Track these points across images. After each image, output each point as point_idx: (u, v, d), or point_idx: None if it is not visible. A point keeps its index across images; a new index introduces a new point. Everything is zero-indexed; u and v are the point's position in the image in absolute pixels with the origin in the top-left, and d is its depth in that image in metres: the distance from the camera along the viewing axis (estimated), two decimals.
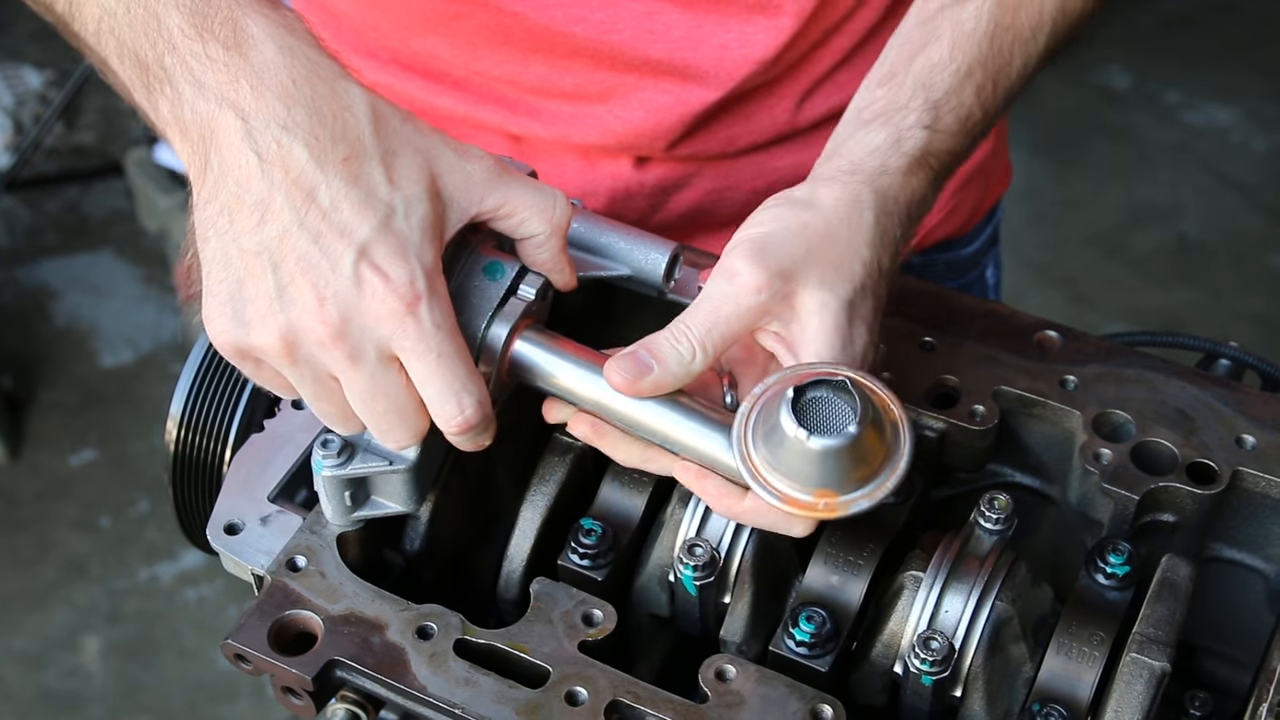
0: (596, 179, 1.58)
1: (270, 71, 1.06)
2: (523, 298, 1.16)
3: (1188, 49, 5.39)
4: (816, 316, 1.13)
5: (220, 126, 1.06)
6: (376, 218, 1.06)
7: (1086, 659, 1.17)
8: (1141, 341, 1.44)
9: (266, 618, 1.16)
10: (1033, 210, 4.71)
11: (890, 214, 1.19)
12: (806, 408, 1.07)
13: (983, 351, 1.34)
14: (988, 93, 1.26)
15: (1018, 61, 1.27)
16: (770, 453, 1.07)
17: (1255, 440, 1.27)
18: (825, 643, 1.18)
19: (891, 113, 1.22)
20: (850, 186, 1.18)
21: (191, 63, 1.07)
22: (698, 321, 1.13)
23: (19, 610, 3.59)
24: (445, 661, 1.14)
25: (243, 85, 1.06)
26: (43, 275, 4.40)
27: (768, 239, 1.14)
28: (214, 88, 1.06)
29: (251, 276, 1.06)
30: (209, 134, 1.07)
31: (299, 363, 1.08)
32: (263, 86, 1.06)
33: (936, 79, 1.23)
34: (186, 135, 1.08)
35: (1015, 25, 1.26)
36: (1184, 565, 1.19)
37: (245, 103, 1.06)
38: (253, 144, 1.05)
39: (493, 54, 1.52)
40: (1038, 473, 1.35)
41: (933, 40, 1.25)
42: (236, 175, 1.06)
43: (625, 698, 1.12)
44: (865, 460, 1.06)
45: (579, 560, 1.24)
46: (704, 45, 1.49)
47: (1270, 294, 4.52)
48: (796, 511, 1.07)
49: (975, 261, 1.84)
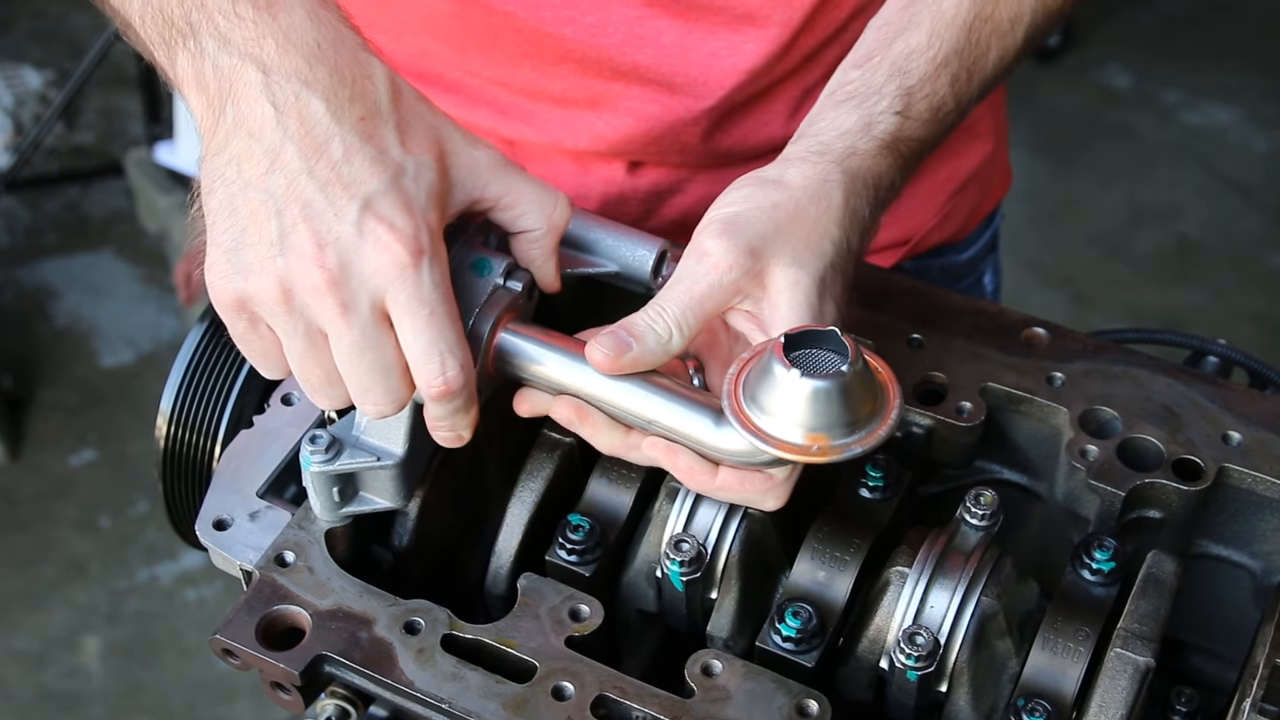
0: (589, 183, 1.59)
1: (297, 33, 1.08)
2: (509, 290, 1.17)
3: (1188, 49, 5.39)
4: (788, 293, 1.14)
5: (241, 79, 1.07)
6: (386, 174, 1.07)
7: (1071, 654, 1.17)
8: (1129, 339, 1.45)
9: (255, 613, 1.16)
10: (1033, 210, 4.71)
11: (859, 194, 1.19)
12: (799, 354, 1.07)
13: (970, 348, 1.35)
14: (962, 82, 1.26)
15: (994, 53, 1.28)
16: (761, 403, 1.07)
17: (1241, 437, 1.27)
18: (811, 638, 1.18)
19: (865, 96, 1.23)
20: (820, 166, 1.19)
21: (219, 19, 1.08)
22: (672, 301, 1.14)
23: (19, 610, 3.60)
24: (432, 657, 1.14)
25: (268, 42, 1.07)
26: (43, 275, 4.41)
27: (737, 218, 1.15)
28: (239, 43, 1.07)
29: (254, 223, 1.07)
30: (228, 87, 1.08)
31: (293, 312, 1.07)
32: (289, 44, 1.07)
33: (912, 65, 1.24)
34: (204, 89, 1.09)
35: (994, 17, 1.27)
36: (1169, 561, 1.19)
37: (269, 58, 1.07)
38: (271, 96, 1.06)
39: (483, 55, 1.52)
40: (1024, 469, 1.36)
41: (911, 26, 1.25)
42: (250, 126, 1.07)
43: (612, 693, 1.13)
44: (856, 405, 1.05)
45: (566, 556, 1.24)
46: (693, 53, 1.49)
47: (1270, 294, 4.53)
48: (789, 455, 1.06)
49: (971, 268, 1.84)
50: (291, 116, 1.06)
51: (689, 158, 1.57)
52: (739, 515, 1.24)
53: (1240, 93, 5.22)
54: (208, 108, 1.09)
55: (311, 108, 1.06)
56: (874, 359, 1.09)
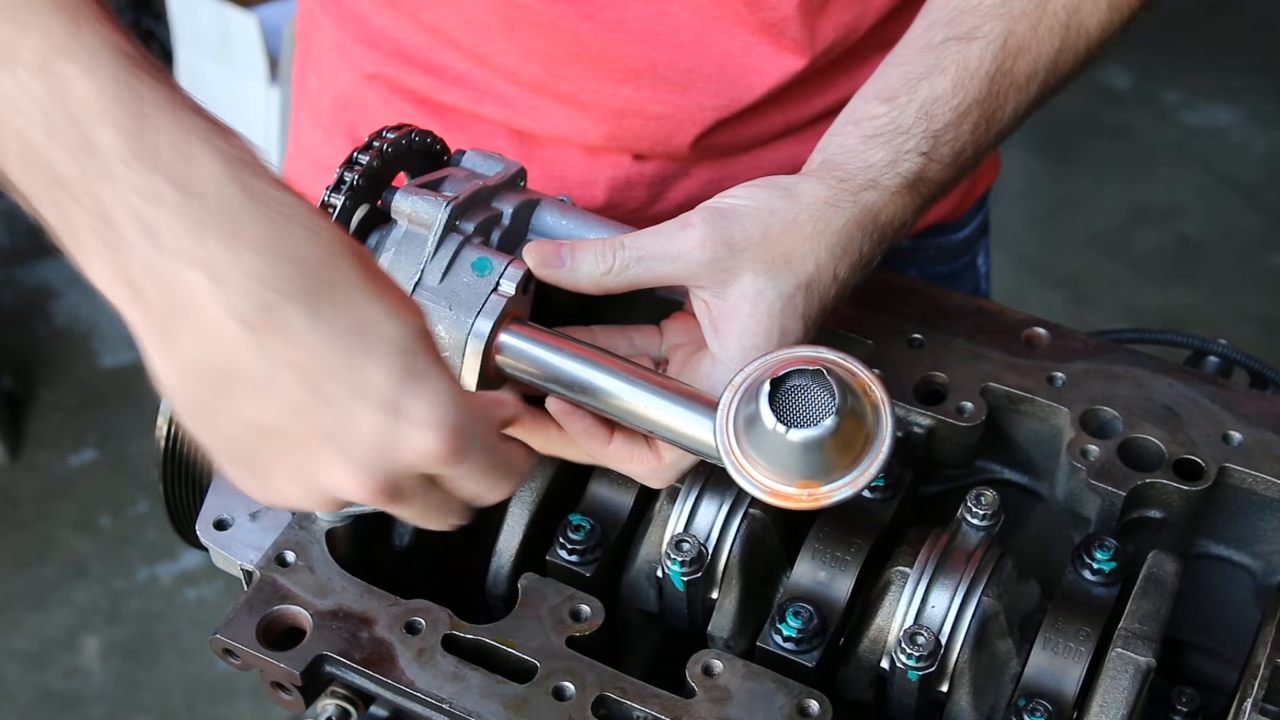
0: (597, 169, 1.59)
1: (239, 220, 0.89)
2: (509, 290, 1.17)
3: (1188, 49, 5.39)
4: (750, 303, 1.15)
5: (188, 291, 0.89)
6: (396, 365, 0.93)
7: (1072, 654, 1.17)
8: (1130, 339, 1.45)
9: (255, 613, 1.17)
10: (1033, 210, 4.71)
11: (863, 227, 1.19)
12: (784, 398, 1.07)
13: (971, 348, 1.35)
14: (981, 131, 1.27)
15: (1010, 105, 1.29)
16: (752, 445, 1.07)
17: (1242, 437, 1.27)
18: (812, 638, 1.18)
19: (894, 134, 1.23)
20: (835, 191, 1.19)
21: (135, 201, 0.88)
22: (634, 244, 1.16)
23: (19, 610, 3.60)
24: (433, 657, 1.14)
25: (209, 240, 0.88)
26: (43, 275, 4.40)
27: (732, 209, 1.17)
28: (172, 241, 0.88)
29: (268, 457, 0.95)
30: (171, 299, 0.90)
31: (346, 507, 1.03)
32: (235, 242, 0.89)
33: (938, 110, 1.24)
34: (138, 295, 0.91)
35: (1013, 72, 1.28)
36: (1170, 561, 1.19)
37: (217, 263, 0.88)
38: (236, 313, 0.89)
39: (496, 44, 1.52)
40: (1025, 469, 1.36)
41: (936, 72, 1.25)
42: (222, 349, 0.90)
43: (613, 693, 1.13)
44: (846, 448, 1.06)
45: (567, 556, 1.24)
46: (708, 51, 1.49)
47: (1270, 294, 4.52)
48: (782, 504, 1.08)
49: (966, 248, 1.86)
50: (271, 336, 0.90)
51: (696, 152, 1.57)
52: (740, 515, 1.24)
53: (1240, 93, 5.22)
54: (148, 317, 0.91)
55: (290, 320, 0.90)
56: (864, 379, 1.09)
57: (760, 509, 1.24)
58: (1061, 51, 1.31)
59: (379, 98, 1.63)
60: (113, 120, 0.89)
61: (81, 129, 0.89)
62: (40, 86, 0.89)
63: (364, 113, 1.65)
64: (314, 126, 1.74)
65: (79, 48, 0.90)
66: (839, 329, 1.35)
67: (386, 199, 1.20)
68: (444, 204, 1.18)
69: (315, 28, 1.71)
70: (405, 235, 1.19)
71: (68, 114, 0.89)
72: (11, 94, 0.90)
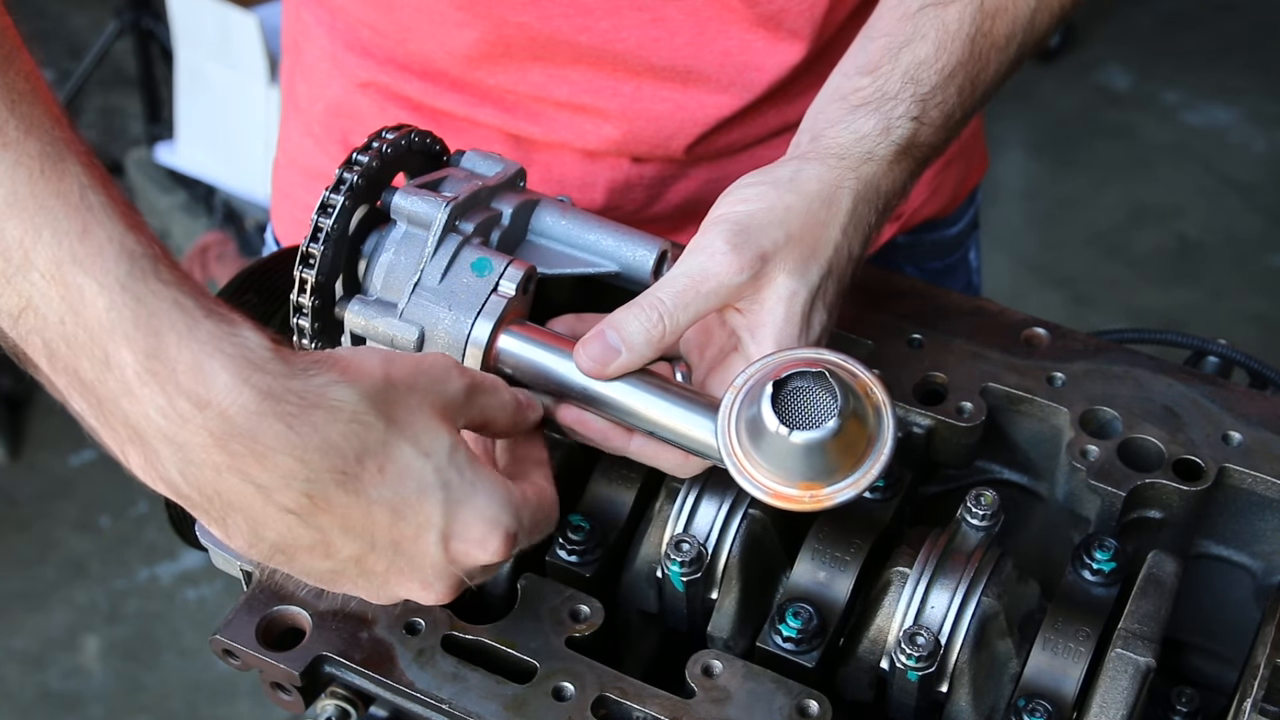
0: (595, 171, 1.59)
1: (261, 425, 0.91)
2: (509, 291, 1.17)
3: (1188, 49, 5.40)
4: (784, 305, 1.15)
5: (231, 494, 0.93)
6: (439, 499, 0.98)
7: (1072, 655, 1.17)
8: (1130, 339, 1.45)
9: (255, 613, 1.17)
10: (1032, 210, 4.72)
11: (869, 201, 1.20)
12: (787, 400, 1.07)
13: (971, 348, 1.35)
14: (967, 93, 1.28)
15: (993, 66, 1.30)
16: (754, 446, 1.07)
17: (1242, 437, 1.27)
18: (812, 638, 1.18)
19: (881, 101, 1.24)
20: (836, 171, 1.19)
21: (160, 421, 0.90)
22: (672, 295, 1.14)
23: (19, 610, 3.60)
24: (433, 657, 1.14)
25: (240, 453, 0.91)
26: None
27: (751, 220, 1.15)
28: (203, 455, 0.91)
29: (340, 584, 1.02)
30: (217, 500, 0.93)
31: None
32: (263, 448, 0.91)
33: (923, 75, 1.25)
34: (179, 493, 0.94)
35: (993, 33, 1.29)
36: (1170, 561, 1.19)
37: (252, 472, 0.91)
38: (281, 507, 0.93)
39: (491, 64, 1.52)
40: (1025, 469, 1.36)
41: (917, 38, 1.26)
42: (274, 531, 0.95)
43: (612, 693, 1.13)
44: (848, 450, 1.06)
45: (567, 556, 1.24)
46: (707, 50, 1.49)
47: (1270, 294, 4.53)
48: (784, 505, 1.08)
49: (959, 243, 1.87)
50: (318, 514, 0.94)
51: (695, 154, 1.57)
52: (740, 515, 1.24)
53: (1240, 93, 5.23)
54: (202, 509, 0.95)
55: (332, 498, 0.94)
56: (865, 380, 1.09)
57: (760, 509, 1.24)
58: (1038, 11, 1.32)
59: (373, 105, 1.63)
60: (127, 339, 0.90)
61: (99, 343, 0.90)
62: (56, 295, 0.90)
63: (357, 120, 1.64)
64: (305, 136, 1.73)
65: (88, 252, 0.91)
66: (839, 329, 1.35)
67: (386, 199, 1.20)
68: (443, 204, 1.18)
69: (306, 37, 1.70)
70: (405, 236, 1.19)
71: (85, 327, 0.90)
72: (32, 299, 0.91)
